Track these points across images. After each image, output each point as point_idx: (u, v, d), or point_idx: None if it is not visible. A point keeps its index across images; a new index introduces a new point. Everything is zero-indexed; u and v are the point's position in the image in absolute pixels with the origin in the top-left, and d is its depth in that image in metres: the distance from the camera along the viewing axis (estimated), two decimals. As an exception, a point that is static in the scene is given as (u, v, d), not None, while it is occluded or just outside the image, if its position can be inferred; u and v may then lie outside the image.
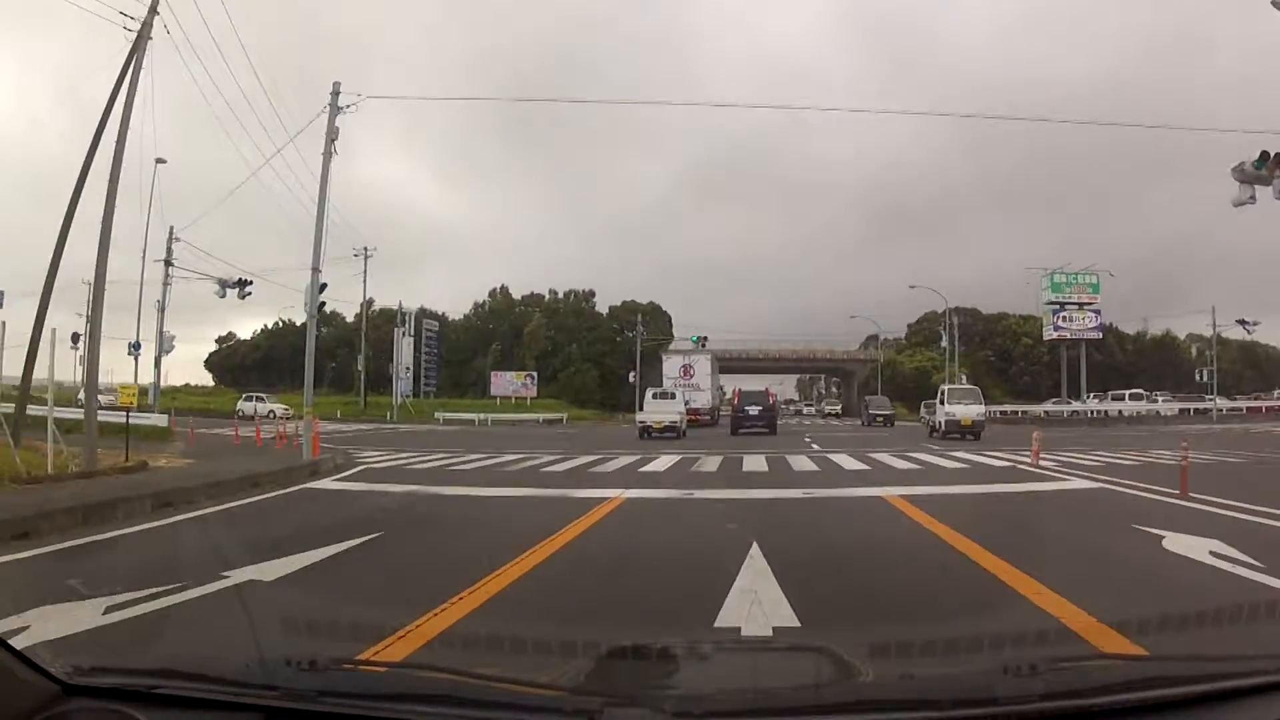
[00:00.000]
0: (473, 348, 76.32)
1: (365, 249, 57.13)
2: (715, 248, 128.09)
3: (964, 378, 51.09)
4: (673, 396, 34.86)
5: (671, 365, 47.26)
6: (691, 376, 45.42)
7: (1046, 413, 54.75)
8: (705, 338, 54.87)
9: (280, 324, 79.51)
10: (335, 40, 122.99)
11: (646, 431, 29.04)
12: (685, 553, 7.37)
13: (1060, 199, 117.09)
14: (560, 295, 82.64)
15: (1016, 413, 55.60)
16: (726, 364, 63.82)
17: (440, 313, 79.29)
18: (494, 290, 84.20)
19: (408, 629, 4.23)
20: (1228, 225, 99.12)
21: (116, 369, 41.96)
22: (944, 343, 64.11)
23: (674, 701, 1.79)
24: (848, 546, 7.72)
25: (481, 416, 53.83)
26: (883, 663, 2.88)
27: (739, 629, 4.47)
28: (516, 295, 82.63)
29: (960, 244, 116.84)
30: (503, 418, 54.29)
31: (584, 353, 73.35)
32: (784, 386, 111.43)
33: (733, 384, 70.78)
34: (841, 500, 11.18)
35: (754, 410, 34.03)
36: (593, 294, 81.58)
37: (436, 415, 54.04)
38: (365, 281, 57.58)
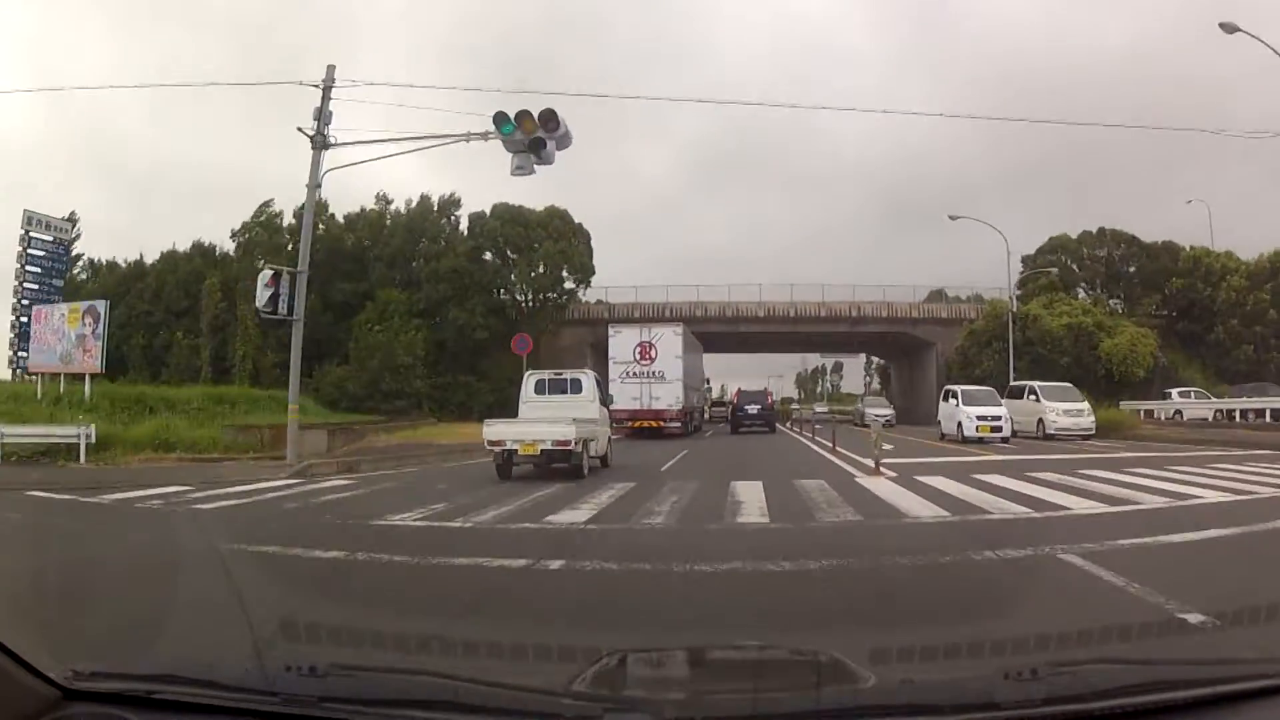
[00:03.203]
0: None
1: None
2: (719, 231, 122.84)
3: None
4: (575, 388, 17.44)
5: (623, 343, 30.93)
6: (652, 360, 30.33)
7: None
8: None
9: None
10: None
11: (509, 465, 14.67)
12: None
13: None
14: (394, 206, 46.30)
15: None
16: (710, 335, 42.39)
17: (208, 243, 45.76)
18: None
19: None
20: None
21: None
22: (1083, 294, 43.02)
23: (673, 706, 1.79)
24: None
25: None
26: (883, 668, 2.88)
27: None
28: (341, 214, 46.20)
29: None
30: None
31: (414, 301, 41.58)
32: (784, 380, 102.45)
33: (724, 366, 57.26)
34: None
35: (753, 409, 35.50)
36: (458, 202, 45.49)
37: None
38: None
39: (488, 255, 44.04)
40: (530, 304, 44.49)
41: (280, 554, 7.50)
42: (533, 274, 43.43)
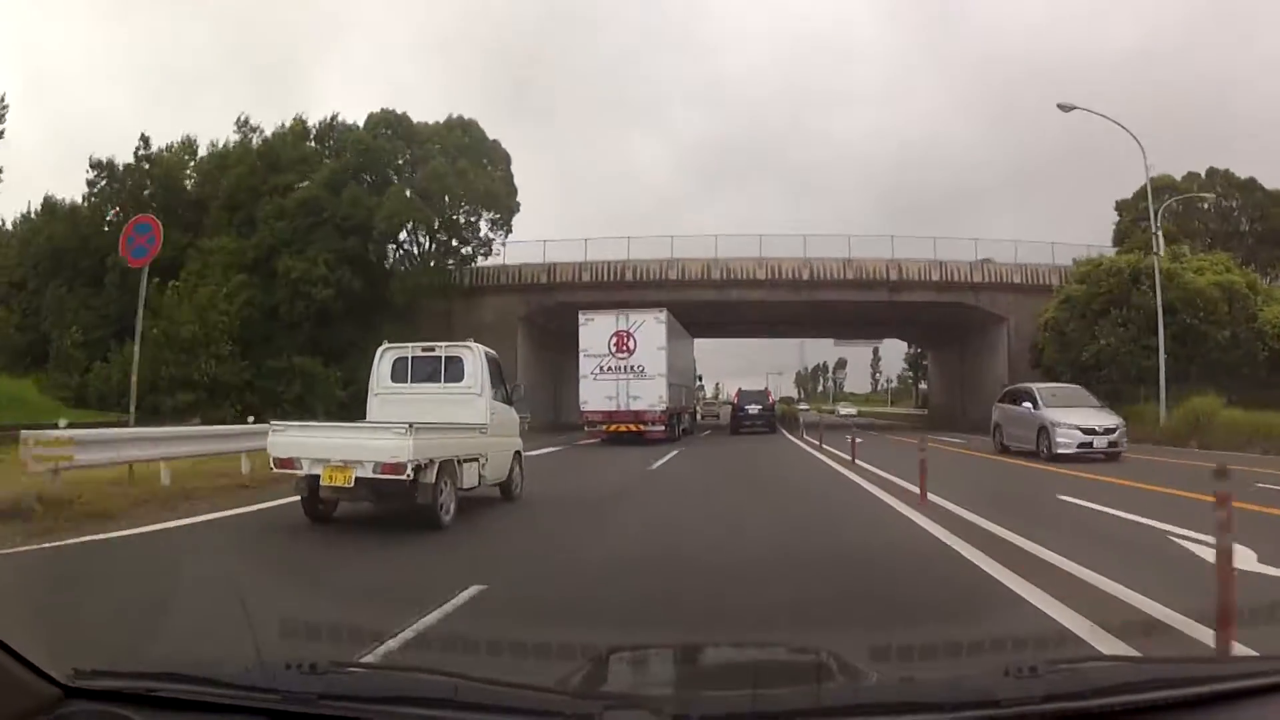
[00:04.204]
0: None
1: None
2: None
3: None
4: (453, 373, 10.48)
5: (595, 333, 25.94)
6: (631, 352, 25.46)
7: None
8: None
9: None
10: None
11: (316, 500, 8.58)
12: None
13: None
14: (260, 133, 34.86)
15: None
16: (690, 307, 32.51)
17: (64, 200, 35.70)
18: (143, 152, 34.76)
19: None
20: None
21: None
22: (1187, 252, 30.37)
23: (673, 703, 1.80)
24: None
25: None
26: (883, 665, 2.88)
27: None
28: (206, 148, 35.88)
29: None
30: None
31: (244, 251, 29.84)
32: (783, 379, 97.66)
33: (709, 360, 56.70)
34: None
35: (754, 409, 34.99)
36: (318, 124, 34.36)
37: None
38: None
39: (385, 197, 30.71)
40: (423, 252, 32.75)
41: None
42: (413, 203, 30.50)
